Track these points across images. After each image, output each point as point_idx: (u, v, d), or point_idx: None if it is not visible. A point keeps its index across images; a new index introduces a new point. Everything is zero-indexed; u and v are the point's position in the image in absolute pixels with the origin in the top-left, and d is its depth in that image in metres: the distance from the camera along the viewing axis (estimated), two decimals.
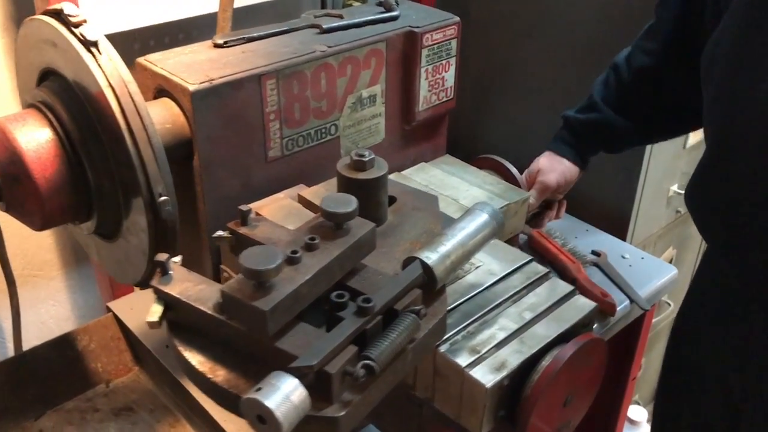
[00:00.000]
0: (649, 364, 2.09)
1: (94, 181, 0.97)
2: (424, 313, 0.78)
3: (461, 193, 1.30)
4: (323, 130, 1.23)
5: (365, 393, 0.73)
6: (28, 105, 1.01)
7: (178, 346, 0.79)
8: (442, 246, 0.84)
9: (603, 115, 1.34)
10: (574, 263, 1.52)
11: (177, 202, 0.96)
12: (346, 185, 0.95)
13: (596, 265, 1.52)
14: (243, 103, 1.11)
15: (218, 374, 0.76)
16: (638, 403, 2.16)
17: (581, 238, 1.61)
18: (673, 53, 1.26)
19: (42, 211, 0.96)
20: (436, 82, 1.35)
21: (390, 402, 0.97)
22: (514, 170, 1.40)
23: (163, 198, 0.93)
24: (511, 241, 1.36)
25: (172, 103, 1.08)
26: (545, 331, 0.88)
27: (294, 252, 0.76)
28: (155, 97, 1.12)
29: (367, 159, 0.93)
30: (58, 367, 1.34)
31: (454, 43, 1.35)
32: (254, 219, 0.89)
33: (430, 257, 0.82)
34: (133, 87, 0.92)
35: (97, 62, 0.90)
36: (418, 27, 1.28)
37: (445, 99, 1.38)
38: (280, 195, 1.17)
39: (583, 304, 0.93)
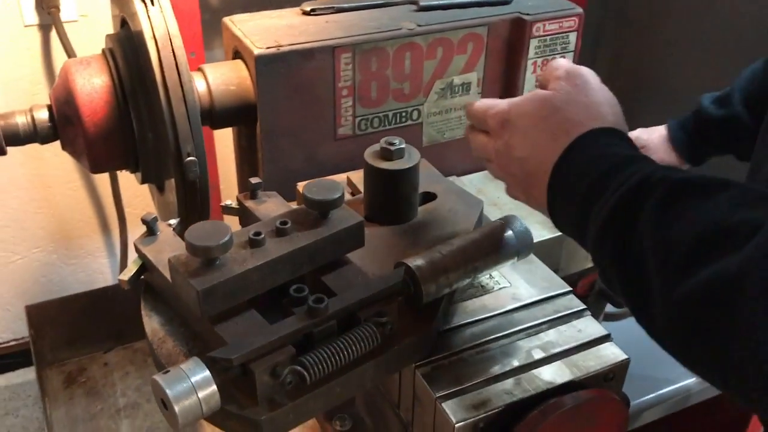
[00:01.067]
0: None
1: (138, 132, 0.97)
2: (390, 326, 0.69)
3: None
4: (403, 114, 1.15)
5: (298, 401, 0.66)
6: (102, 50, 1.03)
7: (143, 309, 0.77)
8: (439, 256, 0.74)
9: (733, 111, 1.11)
10: None
11: (238, 166, 0.94)
12: (369, 174, 0.87)
13: None
14: (313, 74, 1.06)
15: (164, 347, 0.72)
16: None
17: None
18: None
19: (90, 154, 0.98)
20: None
21: (384, 418, 0.89)
22: None
23: (190, 158, 0.91)
24: None
25: (242, 66, 1.06)
26: (551, 377, 0.75)
27: (257, 234, 0.70)
28: (233, 59, 1.10)
29: (395, 148, 0.85)
30: (134, 307, 1.39)
31: (573, 36, 1.20)
32: (264, 194, 0.85)
33: (420, 266, 0.73)
34: (177, 41, 0.90)
35: (146, 12, 0.90)
36: (528, 14, 1.15)
37: None
38: (343, 175, 1.11)
39: (612, 354, 0.78)
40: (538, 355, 0.77)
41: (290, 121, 1.07)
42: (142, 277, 0.79)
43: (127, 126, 0.97)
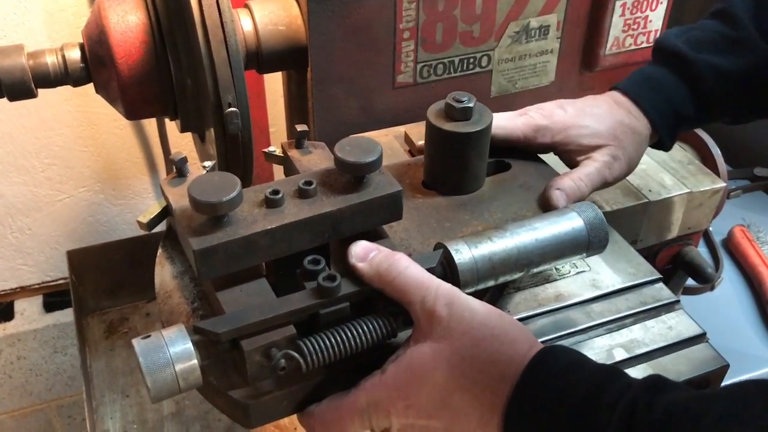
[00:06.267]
0: None
1: (176, 77, 0.88)
2: (406, 319, 0.59)
3: None
4: (471, 60, 1.02)
5: (292, 389, 0.59)
6: None
7: (158, 256, 0.69)
8: (487, 242, 0.62)
9: (766, 59, 0.79)
10: None
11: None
12: (431, 135, 0.76)
13: None
14: (371, 13, 0.94)
15: (169, 302, 0.65)
16: None
17: None
18: None
19: (124, 99, 0.89)
20: (636, 22, 1.07)
21: None
22: (716, 151, 1.10)
23: (231, 109, 0.81)
24: (689, 238, 1.08)
25: (293, 3, 0.95)
26: None
27: (275, 193, 0.60)
28: None
29: (460, 107, 0.73)
30: None
31: None
32: (312, 144, 0.74)
33: (461, 251, 0.62)
34: None
35: None
36: None
37: (644, 45, 1.10)
38: (401, 129, 1.00)
39: (707, 357, 0.67)
40: (620, 355, 0.67)
41: (344, 66, 0.97)
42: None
43: (165, 70, 0.88)
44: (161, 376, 0.53)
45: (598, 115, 0.80)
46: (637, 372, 0.66)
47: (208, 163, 0.72)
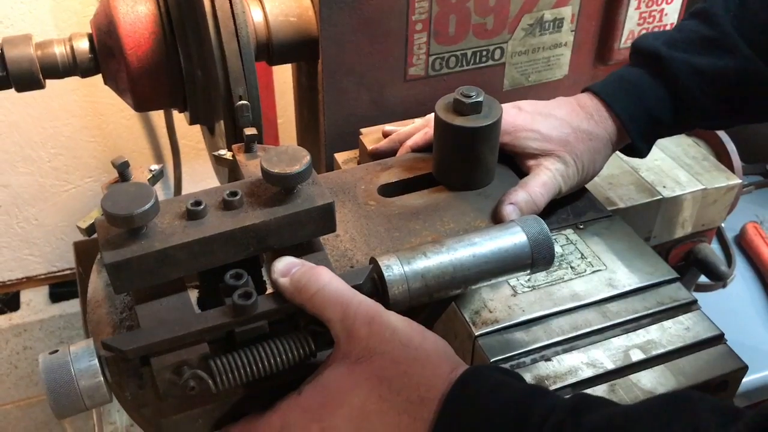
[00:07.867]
0: None
1: (186, 69, 0.86)
2: (323, 337, 0.57)
3: (646, 161, 1.02)
4: (484, 53, 1.01)
5: (206, 407, 0.57)
6: None
7: (96, 262, 0.66)
8: (421, 258, 0.60)
9: (746, 61, 0.76)
10: None
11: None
12: (439, 130, 0.74)
13: None
14: (383, 5, 0.93)
15: (97, 312, 0.62)
16: None
17: None
18: None
19: (133, 91, 0.88)
20: (651, 15, 1.05)
21: None
22: (731, 146, 1.08)
23: (242, 102, 0.80)
24: (702, 235, 1.06)
25: None
26: (652, 384, 0.63)
27: (196, 204, 0.58)
28: None
29: (470, 101, 0.72)
30: None
31: None
32: (262, 148, 0.72)
33: (392, 267, 0.59)
34: None
35: None
36: None
37: None
38: (411, 122, 0.99)
39: (725, 359, 0.66)
40: (636, 356, 0.65)
41: (356, 58, 0.95)
42: None
43: (174, 61, 0.86)
44: (64, 393, 0.52)
45: (554, 120, 0.78)
46: (654, 374, 0.64)
47: (154, 167, 0.70)
